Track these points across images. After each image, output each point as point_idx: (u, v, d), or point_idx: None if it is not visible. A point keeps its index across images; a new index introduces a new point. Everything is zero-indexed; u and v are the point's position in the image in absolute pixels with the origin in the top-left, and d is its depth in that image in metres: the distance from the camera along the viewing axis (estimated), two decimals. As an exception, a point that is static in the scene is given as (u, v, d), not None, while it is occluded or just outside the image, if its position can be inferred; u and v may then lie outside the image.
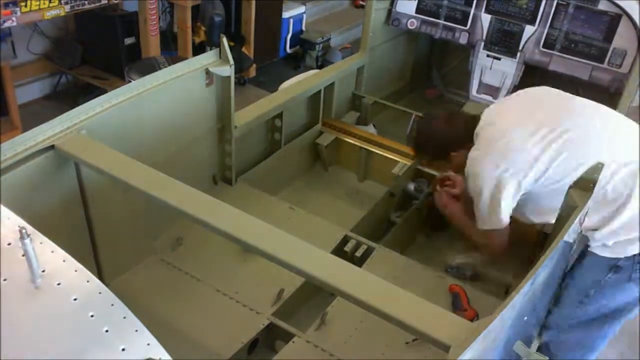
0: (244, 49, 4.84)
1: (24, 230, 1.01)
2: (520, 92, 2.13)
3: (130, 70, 3.49)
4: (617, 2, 2.77)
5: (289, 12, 5.35)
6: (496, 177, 1.88)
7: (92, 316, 0.99)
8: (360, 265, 2.18)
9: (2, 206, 1.19)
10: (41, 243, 1.11)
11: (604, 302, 1.94)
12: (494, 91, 3.24)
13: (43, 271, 1.05)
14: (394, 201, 2.77)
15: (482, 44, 3.19)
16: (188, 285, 2.16)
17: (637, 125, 1.93)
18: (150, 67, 3.40)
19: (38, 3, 3.21)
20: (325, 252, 1.56)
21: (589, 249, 1.89)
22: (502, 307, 1.23)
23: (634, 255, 1.84)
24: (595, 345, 2.10)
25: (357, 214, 2.65)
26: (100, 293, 1.05)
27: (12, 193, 1.66)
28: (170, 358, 0.95)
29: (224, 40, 2.28)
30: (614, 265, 1.86)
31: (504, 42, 3.13)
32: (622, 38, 2.81)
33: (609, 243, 1.85)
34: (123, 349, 0.94)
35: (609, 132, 1.90)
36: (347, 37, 6.04)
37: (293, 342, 1.96)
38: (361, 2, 6.29)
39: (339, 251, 2.34)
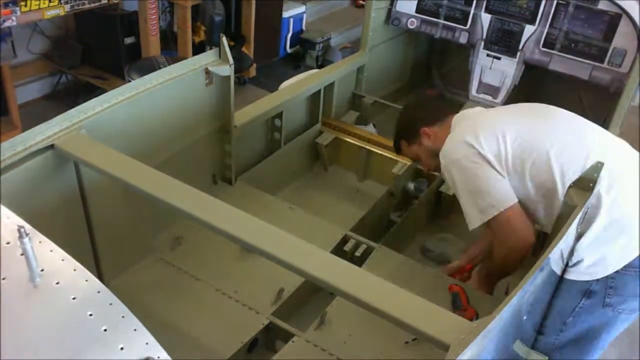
0: (244, 49, 4.84)
1: (22, 229, 1.01)
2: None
3: (130, 70, 3.49)
4: (617, 1, 2.77)
5: (289, 12, 5.35)
6: (469, 155, 1.80)
7: (90, 315, 0.99)
8: (360, 265, 2.18)
9: (1, 205, 1.19)
10: (40, 242, 1.11)
11: (581, 327, 1.84)
12: (494, 91, 3.24)
13: (42, 270, 1.05)
14: (394, 201, 2.77)
15: (482, 43, 3.19)
16: (187, 284, 2.16)
17: (618, 143, 1.89)
18: (150, 66, 3.40)
19: (38, 3, 3.21)
20: (325, 251, 1.56)
21: (564, 276, 1.80)
22: (501, 307, 1.23)
23: (605, 279, 1.74)
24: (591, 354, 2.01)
25: (357, 213, 2.65)
26: (99, 292, 1.04)
27: (11, 192, 1.66)
28: (169, 357, 0.95)
29: (224, 39, 2.28)
30: (587, 290, 1.76)
31: (504, 41, 3.13)
32: (622, 38, 2.81)
33: (580, 266, 1.75)
34: (122, 348, 0.94)
35: (588, 142, 1.82)
36: (347, 36, 6.03)
37: (293, 341, 1.95)
38: (362, 2, 6.29)
39: (338, 251, 2.34)
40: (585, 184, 1.61)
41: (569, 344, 1.89)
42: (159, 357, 0.94)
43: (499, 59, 3.17)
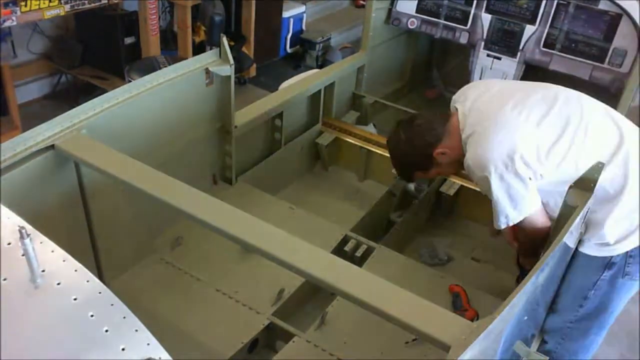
0: (244, 49, 4.84)
1: (23, 230, 1.01)
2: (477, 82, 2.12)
3: (130, 70, 3.49)
4: (617, 1, 2.76)
5: (289, 12, 5.35)
6: (503, 160, 1.74)
7: (92, 316, 0.99)
8: (360, 265, 2.18)
9: (2, 206, 1.19)
10: (41, 243, 1.11)
11: (602, 300, 1.94)
12: (494, 91, 3.24)
13: (43, 271, 1.04)
14: (394, 201, 2.77)
15: (483, 43, 3.18)
16: (188, 284, 2.16)
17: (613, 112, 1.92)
18: (150, 66, 3.40)
19: (38, 2, 3.21)
20: (325, 251, 1.56)
21: (579, 250, 1.87)
22: (502, 307, 1.23)
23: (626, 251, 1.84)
24: (594, 341, 2.10)
25: (357, 214, 2.65)
26: (100, 293, 1.04)
27: (12, 193, 1.66)
28: (170, 358, 0.95)
29: (224, 39, 2.28)
30: (608, 263, 1.86)
31: (504, 41, 3.12)
32: (623, 38, 2.80)
33: (607, 240, 1.82)
34: (123, 349, 0.94)
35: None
36: (347, 36, 6.03)
37: (293, 342, 1.96)
38: (362, 2, 6.29)
39: (339, 251, 2.34)
40: (586, 184, 1.61)
41: (586, 317, 1.98)
42: (160, 358, 0.94)
43: (499, 59, 3.17)
